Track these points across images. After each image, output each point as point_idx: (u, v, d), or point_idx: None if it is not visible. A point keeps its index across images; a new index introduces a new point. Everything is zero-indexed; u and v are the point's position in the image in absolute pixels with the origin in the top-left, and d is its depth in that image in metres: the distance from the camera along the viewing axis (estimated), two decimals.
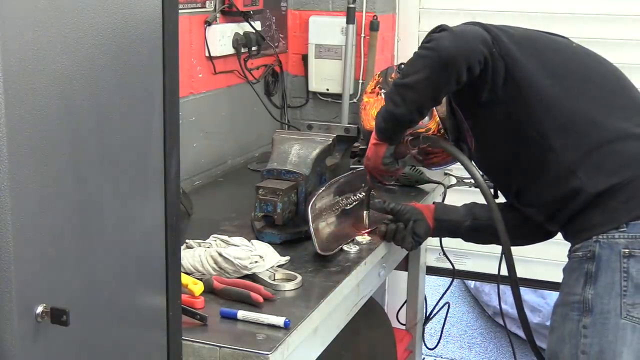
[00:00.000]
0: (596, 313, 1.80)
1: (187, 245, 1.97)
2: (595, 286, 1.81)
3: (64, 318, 1.10)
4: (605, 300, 1.80)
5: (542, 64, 1.91)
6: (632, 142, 1.87)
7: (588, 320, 1.81)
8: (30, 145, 1.06)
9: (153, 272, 1.35)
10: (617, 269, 1.80)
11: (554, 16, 3.08)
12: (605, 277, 1.80)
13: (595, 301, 1.81)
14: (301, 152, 2.21)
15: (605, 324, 1.79)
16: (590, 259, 1.82)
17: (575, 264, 1.87)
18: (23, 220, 1.06)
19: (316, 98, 3.38)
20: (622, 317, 1.78)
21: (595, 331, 1.80)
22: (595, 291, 1.81)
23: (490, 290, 4.60)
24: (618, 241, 1.80)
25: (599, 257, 1.81)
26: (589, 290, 1.82)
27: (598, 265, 1.81)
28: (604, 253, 1.81)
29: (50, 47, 1.08)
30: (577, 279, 1.85)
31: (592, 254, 1.82)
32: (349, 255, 2.09)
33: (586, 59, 2.01)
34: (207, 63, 2.80)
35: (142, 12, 1.25)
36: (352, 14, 3.17)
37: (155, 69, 1.29)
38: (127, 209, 1.27)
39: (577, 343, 1.82)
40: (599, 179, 1.84)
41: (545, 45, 1.98)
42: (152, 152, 1.31)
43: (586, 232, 1.85)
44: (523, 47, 1.91)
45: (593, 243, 1.83)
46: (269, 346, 1.58)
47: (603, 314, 1.80)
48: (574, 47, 2.03)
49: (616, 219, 1.82)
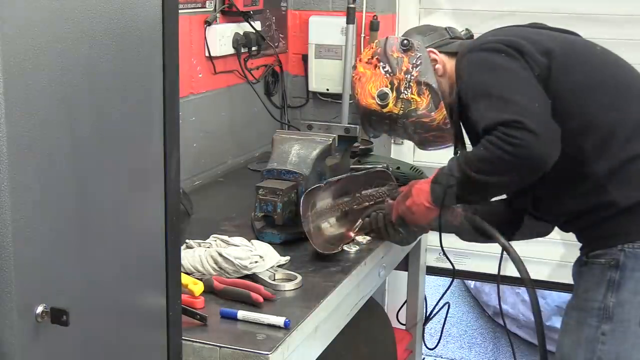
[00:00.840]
0: (616, 321, 1.80)
1: (187, 245, 1.97)
2: (618, 294, 1.81)
3: (64, 318, 1.10)
4: (626, 308, 1.80)
5: (581, 81, 1.89)
6: None
7: (607, 327, 1.81)
8: (30, 145, 1.06)
9: (153, 272, 1.35)
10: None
11: (554, 16, 3.07)
12: (629, 286, 1.80)
13: (616, 309, 1.81)
14: (301, 152, 2.21)
15: (624, 332, 1.80)
16: (614, 267, 1.82)
17: (595, 269, 1.86)
18: (23, 220, 1.06)
19: (316, 98, 3.38)
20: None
21: (614, 338, 1.80)
22: (617, 299, 1.81)
23: (490, 290, 4.60)
24: None
25: (624, 266, 1.81)
26: (611, 298, 1.81)
27: (622, 274, 1.81)
28: (629, 263, 1.81)
29: (50, 47, 1.08)
30: (598, 285, 1.84)
31: (617, 263, 1.82)
32: (349, 255, 2.09)
33: (613, 66, 1.97)
34: (207, 63, 2.80)
35: (142, 12, 1.25)
36: (352, 14, 3.17)
37: (155, 69, 1.29)
38: (127, 208, 1.27)
39: (593, 349, 1.82)
40: (630, 192, 1.82)
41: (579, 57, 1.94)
42: (152, 152, 1.31)
43: (610, 240, 1.84)
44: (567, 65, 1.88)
45: (618, 251, 1.82)
46: (269, 346, 1.58)
47: (623, 322, 1.80)
48: (599, 51, 1.99)
49: None
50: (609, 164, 1.83)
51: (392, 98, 2.11)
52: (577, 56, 1.94)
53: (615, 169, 1.83)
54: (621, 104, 1.90)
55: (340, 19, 3.21)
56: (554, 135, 1.76)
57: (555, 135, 1.76)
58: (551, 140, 1.76)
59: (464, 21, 3.10)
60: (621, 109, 1.88)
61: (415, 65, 2.09)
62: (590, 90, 1.89)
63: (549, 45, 1.89)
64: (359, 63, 2.19)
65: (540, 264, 3.21)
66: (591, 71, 1.92)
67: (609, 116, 1.86)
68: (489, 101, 1.81)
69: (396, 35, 3.32)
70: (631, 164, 1.83)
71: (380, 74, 2.13)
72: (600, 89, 1.90)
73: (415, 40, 2.12)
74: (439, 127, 2.09)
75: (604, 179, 1.83)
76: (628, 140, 1.85)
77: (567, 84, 1.86)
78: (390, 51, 2.12)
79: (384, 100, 2.11)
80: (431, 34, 2.18)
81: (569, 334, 1.88)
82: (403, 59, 2.11)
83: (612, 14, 3.08)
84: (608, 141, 1.84)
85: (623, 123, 1.86)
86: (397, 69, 2.11)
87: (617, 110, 1.88)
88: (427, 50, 2.11)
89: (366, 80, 2.15)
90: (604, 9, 3.09)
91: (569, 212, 1.93)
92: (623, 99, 1.91)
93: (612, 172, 1.83)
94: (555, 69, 1.86)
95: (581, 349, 1.84)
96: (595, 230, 1.88)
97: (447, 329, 4.17)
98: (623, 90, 1.93)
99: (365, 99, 2.14)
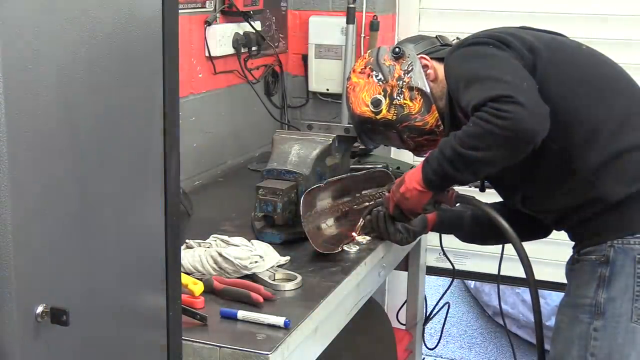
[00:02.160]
0: (608, 317, 1.81)
1: (187, 245, 1.97)
2: (609, 290, 1.81)
3: (64, 318, 1.10)
4: (617, 304, 1.80)
5: (561, 76, 1.89)
6: None
7: (599, 323, 1.81)
8: (30, 145, 1.06)
9: (153, 272, 1.35)
10: (631, 274, 1.80)
11: (554, 16, 3.07)
12: (619, 282, 1.81)
13: (607, 305, 1.81)
14: (301, 152, 2.21)
15: (616, 327, 1.80)
16: (604, 263, 1.82)
17: (586, 266, 1.86)
18: (23, 220, 1.06)
19: (316, 98, 3.38)
20: (632, 321, 1.79)
21: (606, 334, 1.80)
22: (608, 295, 1.81)
23: (490, 290, 4.60)
24: (633, 247, 1.80)
25: (614, 261, 1.81)
26: (602, 294, 1.82)
27: (612, 270, 1.81)
28: (619, 258, 1.81)
29: (51, 47, 1.08)
30: (589, 282, 1.85)
31: (607, 259, 1.82)
32: (349, 255, 2.09)
33: (599, 65, 1.98)
34: (207, 63, 2.80)
35: (142, 12, 1.25)
36: (352, 14, 3.17)
37: (155, 69, 1.29)
38: (127, 209, 1.27)
39: (586, 345, 1.82)
40: (618, 188, 1.82)
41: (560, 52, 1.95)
42: (152, 152, 1.31)
43: (600, 236, 1.85)
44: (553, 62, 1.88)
45: (607, 248, 1.83)
46: (269, 346, 1.58)
47: (615, 318, 1.80)
48: (585, 50, 2.00)
49: (633, 225, 1.82)
50: (596, 160, 1.84)
51: (385, 104, 2.13)
52: (562, 54, 1.95)
53: (602, 164, 1.83)
54: (607, 99, 1.90)
55: (340, 19, 3.21)
56: (543, 111, 1.76)
57: (545, 111, 1.76)
58: (541, 115, 1.75)
59: (464, 21, 3.11)
60: (607, 104, 1.89)
61: (406, 72, 2.12)
62: (576, 85, 1.89)
63: (534, 43, 1.91)
64: (352, 74, 2.22)
65: (540, 264, 3.21)
66: (576, 68, 1.93)
67: (594, 111, 1.87)
68: (479, 84, 1.82)
69: (395, 37, 3.34)
70: (618, 159, 1.84)
71: (373, 83, 2.15)
72: (586, 84, 1.91)
73: (407, 48, 2.15)
74: (432, 130, 2.10)
75: (591, 175, 1.84)
76: (614, 135, 1.85)
77: (553, 80, 1.87)
78: (383, 60, 2.16)
79: (378, 107, 2.13)
80: (422, 41, 2.22)
81: (562, 332, 1.89)
82: (395, 66, 2.14)
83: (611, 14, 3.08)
84: (594, 136, 1.85)
85: (609, 118, 1.87)
86: (389, 76, 2.13)
87: (603, 106, 1.88)
88: (419, 57, 2.13)
89: (360, 89, 2.17)
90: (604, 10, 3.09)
91: (559, 209, 1.93)
92: (609, 94, 1.92)
93: (599, 168, 1.84)
94: (541, 65, 1.87)
95: (574, 346, 1.84)
96: (585, 228, 1.89)
97: (447, 329, 4.17)
98: (608, 85, 1.94)
99: (360, 107, 2.16)
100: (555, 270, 2.08)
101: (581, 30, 2.88)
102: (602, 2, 3.09)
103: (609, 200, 1.83)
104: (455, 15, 3.25)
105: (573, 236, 1.96)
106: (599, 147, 1.84)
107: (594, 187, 1.84)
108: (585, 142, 1.85)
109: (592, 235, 1.87)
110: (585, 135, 1.85)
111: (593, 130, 1.85)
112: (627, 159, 1.84)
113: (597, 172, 1.83)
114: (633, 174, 1.83)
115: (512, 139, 1.74)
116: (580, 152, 1.85)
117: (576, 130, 1.85)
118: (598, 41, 2.23)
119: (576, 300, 1.87)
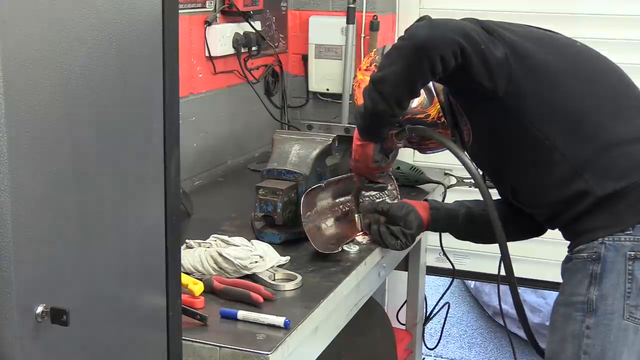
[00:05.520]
0: (600, 314, 1.81)
1: (187, 245, 1.97)
2: (600, 287, 1.81)
3: (64, 318, 1.10)
4: (609, 301, 1.80)
5: (549, 65, 1.89)
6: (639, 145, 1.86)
7: (592, 320, 1.81)
8: (30, 145, 1.06)
9: (153, 272, 1.35)
10: (622, 271, 1.80)
11: (554, 16, 3.07)
12: (610, 279, 1.81)
13: (599, 302, 1.81)
14: (301, 152, 2.21)
15: (608, 325, 1.80)
16: (596, 261, 1.82)
17: (579, 264, 1.87)
18: (23, 220, 1.06)
19: (316, 98, 3.39)
20: (624, 318, 1.79)
21: (599, 332, 1.80)
22: (599, 292, 1.81)
23: (490, 290, 4.60)
24: (624, 243, 1.80)
25: (605, 258, 1.81)
26: (594, 292, 1.82)
27: (603, 267, 1.81)
28: (610, 255, 1.81)
29: (51, 46, 1.08)
30: (581, 280, 1.85)
31: (598, 256, 1.82)
32: (349, 255, 2.09)
33: (591, 59, 1.99)
34: (207, 63, 2.80)
35: (142, 12, 1.25)
36: (352, 14, 3.17)
37: (155, 69, 1.29)
38: (127, 209, 1.27)
39: (579, 343, 1.82)
40: (607, 182, 1.82)
41: (550, 45, 1.96)
42: (152, 152, 1.31)
43: (591, 234, 1.85)
44: (527, 47, 1.88)
45: (598, 245, 1.83)
46: (269, 346, 1.58)
47: (607, 315, 1.80)
48: (579, 46, 2.01)
49: (623, 221, 1.82)
50: (582, 152, 1.84)
51: None
52: (550, 45, 1.96)
53: (588, 156, 1.84)
54: (596, 92, 1.91)
55: (340, 19, 3.21)
56: (448, 25, 1.82)
57: (450, 25, 1.82)
58: (438, 25, 1.83)
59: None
60: (596, 96, 1.90)
61: None
62: (561, 76, 1.90)
63: (522, 32, 1.93)
64: (358, 71, 2.27)
65: (540, 264, 3.22)
66: (564, 59, 1.94)
67: (579, 102, 1.88)
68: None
69: (395, 37, 3.34)
70: (607, 151, 1.84)
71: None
72: (573, 76, 1.91)
73: None
74: (434, 122, 2.12)
75: (578, 166, 1.84)
76: (602, 127, 1.86)
77: (538, 67, 1.88)
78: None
79: None
80: None
81: (557, 330, 1.89)
82: None
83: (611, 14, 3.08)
84: (579, 127, 1.86)
85: (596, 110, 1.88)
86: None
87: (591, 98, 1.89)
88: None
89: (364, 84, 2.17)
90: (604, 10, 3.09)
91: (549, 203, 1.93)
92: (599, 87, 1.92)
93: (586, 160, 1.84)
94: (526, 49, 1.88)
95: (568, 344, 1.84)
96: (576, 225, 1.89)
97: (447, 329, 4.17)
98: (599, 79, 1.94)
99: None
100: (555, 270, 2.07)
101: (581, 31, 2.89)
102: (603, 3, 3.09)
103: (597, 194, 1.82)
104: (455, 16, 3.22)
105: (566, 234, 1.96)
106: (585, 138, 1.85)
107: (581, 179, 1.84)
108: (570, 132, 1.86)
109: (584, 233, 1.87)
110: (569, 125, 1.86)
111: (578, 122, 1.86)
112: (616, 152, 1.84)
113: (585, 164, 1.84)
114: (622, 169, 1.83)
115: (408, 48, 1.81)
116: (565, 142, 1.85)
117: (561, 120, 1.86)
118: (598, 41, 2.23)
119: (569, 299, 1.88)
